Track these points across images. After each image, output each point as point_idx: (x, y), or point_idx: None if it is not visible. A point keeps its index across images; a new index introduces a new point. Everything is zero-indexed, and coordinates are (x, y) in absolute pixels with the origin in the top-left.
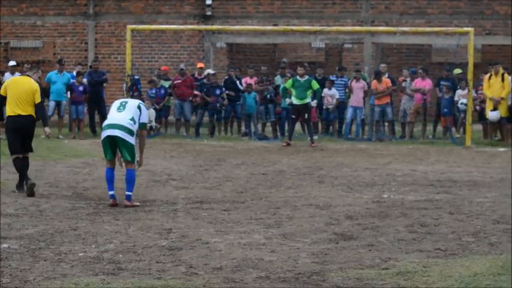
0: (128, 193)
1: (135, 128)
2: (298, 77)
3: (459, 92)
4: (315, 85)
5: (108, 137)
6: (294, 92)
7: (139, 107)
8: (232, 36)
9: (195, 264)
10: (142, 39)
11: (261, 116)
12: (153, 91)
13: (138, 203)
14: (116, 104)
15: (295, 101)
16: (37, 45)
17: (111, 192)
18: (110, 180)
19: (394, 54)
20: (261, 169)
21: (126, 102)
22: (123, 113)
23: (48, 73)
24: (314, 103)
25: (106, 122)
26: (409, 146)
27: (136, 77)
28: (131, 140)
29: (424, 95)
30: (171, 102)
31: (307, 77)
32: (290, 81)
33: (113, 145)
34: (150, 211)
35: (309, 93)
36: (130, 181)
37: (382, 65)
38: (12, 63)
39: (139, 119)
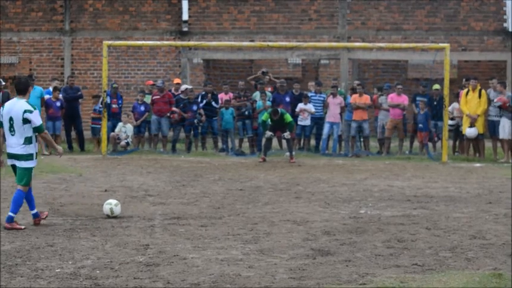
0: (10, 214)
1: (32, 147)
2: (272, 116)
3: (455, 105)
4: (288, 118)
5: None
6: (271, 123)
7: (25, 120)
8: (208, 52)
9: (172, 280)
10: (118, 55)
11: (238, 131)
12: (98, 106)
13: (22, 226)
14: (6, 121)
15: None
16: (13, 61)
17: (33, 212)
18: (29, 201)
19: (370, 70)
20: (238, 185)
21: (12, 120)
22: (16, 138)
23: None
24: (287, 135)
25: (7, 150)
26: (385, 162)
27: (119, 93)
28: (31, 164)
29: (403, 111)
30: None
31: (279, 114)
32: (267, 115)
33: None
34: (127, 227)
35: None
36: (15, 201)
37: (356, 82)
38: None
39: (31, 128)
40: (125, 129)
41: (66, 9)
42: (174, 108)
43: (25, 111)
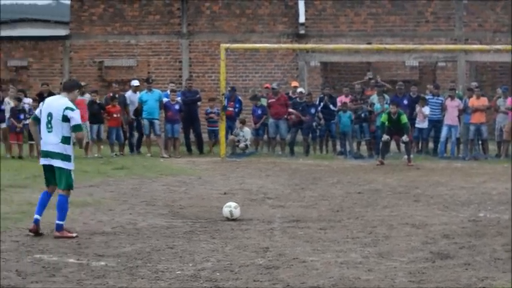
0: (58, 222)
1: (69, 148)
2: (391, 114)
3: None
4: (404, 119)
5: (44, 165)
6: (388, 124)
7: (64, 117)
8: (326, 55)
9: (292, 283)
10: (236, 58)
11: (356, 134)
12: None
13: (73, 234)
14: (44, 117)
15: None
16: (131, 64)
17: (36, 216)
18: (41, 205)
19: (488, 72)
20: (357, 188)
21: (51, 116)
22: (53, 135)
23: (140, 93)
24: (405, 138)
25: (41, 147)
26: (504, 165)
27: (238, 97)
28: (68, 165)
29: None
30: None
31: (397, 113)
32: (385, 116)
33: (49, 172)
34: (246, 230)
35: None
36: (62, 209)
37: (473, 83)
38: (135, 82)
39: (70, 127)
40: (243, 133)
41: (183, 12)
42: (290, 110)
43: (66, 108)
